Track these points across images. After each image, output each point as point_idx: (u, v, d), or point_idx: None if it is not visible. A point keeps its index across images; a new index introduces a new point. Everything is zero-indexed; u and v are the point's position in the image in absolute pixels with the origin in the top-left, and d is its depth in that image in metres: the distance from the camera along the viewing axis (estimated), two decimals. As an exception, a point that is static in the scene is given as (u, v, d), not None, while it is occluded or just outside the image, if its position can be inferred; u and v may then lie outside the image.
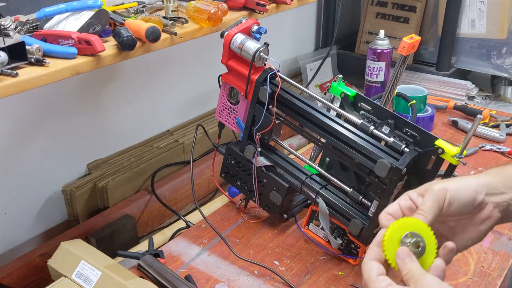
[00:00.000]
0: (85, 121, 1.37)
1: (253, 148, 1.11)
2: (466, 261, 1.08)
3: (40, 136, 1.28)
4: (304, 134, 1.09)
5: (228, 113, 1.16)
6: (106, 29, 1.06)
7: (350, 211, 1.02)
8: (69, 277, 1.00)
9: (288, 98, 1.04)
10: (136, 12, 1.17)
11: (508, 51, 1.77)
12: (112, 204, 1.38)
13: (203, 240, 1.14)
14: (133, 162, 1.45)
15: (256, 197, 1.14)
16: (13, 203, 1.25)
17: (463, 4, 1.79)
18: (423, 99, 1.58)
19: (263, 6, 1.29)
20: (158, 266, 1.02)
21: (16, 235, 1.28)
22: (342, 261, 1.07)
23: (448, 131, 1.60)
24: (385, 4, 1.99)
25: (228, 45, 1.07)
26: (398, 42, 1.21)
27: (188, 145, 1.57)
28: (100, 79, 1.37)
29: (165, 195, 1.45)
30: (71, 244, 1.06)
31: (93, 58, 0.99)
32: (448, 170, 0.91)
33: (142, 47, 1.07)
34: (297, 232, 1.16)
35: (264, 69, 1.06)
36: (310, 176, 1.08)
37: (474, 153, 1.48)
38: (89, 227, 1.29)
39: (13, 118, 1.20)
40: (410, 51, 1.20)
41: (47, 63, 0.93)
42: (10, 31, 0.99)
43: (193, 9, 1.18)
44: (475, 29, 1.81)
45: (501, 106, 1.84)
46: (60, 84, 0.98)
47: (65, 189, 1.33)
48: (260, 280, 1.03)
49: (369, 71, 1.69)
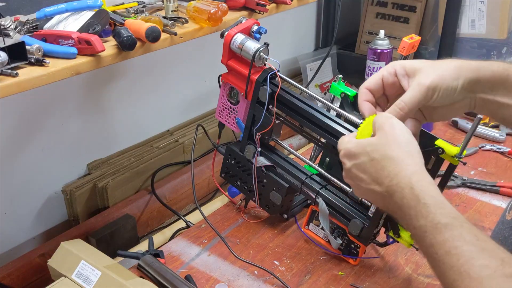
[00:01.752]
0: (85, 121, 1.37)
1: (253, 148, 1.11)
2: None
3: (40, 136, 1.28)
4: (304, 134, 1.09)
5: (228, 113, 1.16)
6: (106, 29, 1.06)
7: (350, 211, 1.02)
8: (69, 277, 1.00)
9: (288, 98, 1.04)
10: (136, 12, 1.18)
11: (508, 51, 1.77)
12: (112, 204, 1.38)
13: (203, 240, 1.14)
14: (133, 162, 1.45)
15: (256, 197, 1.14)
16: (13, 203, 1.25)
17: (463, 4, 1.79)
18: (423, 99, 1.57)
19: (263, 6, 1.29)
20: (158, 266, 1.02)
21: (16, 235, 1.28)
22: (342, 261, 1.07)
23: (448, 131, 1.60)
24: (385, 4, 1.99)
25: (228, 45, 1.07)
26: (398, 42, 1.22)
27: (188, 145, 1.57)
28: (100, 79, 1.37)
29: (165, 195, 1.45)
30: (71, 244, 1.06)
31: (93, 58, 0.99)
32: (448, 170, 0.91)
33: (142, 47, 1.07)
34: (297, 232, 1.16)
35: (264, 69, 1.06)
36: (310, 176, 1.08)
37: (474, 153, 1.48)
38: (89, 227, 1.29)
39: (13, 118, 1.20)
40: (410, 51, 1.20)
41: (47, 63, 0.93)
42: (10, 31, 0.99)
43: (193, 9, 1.18)
44: (475, 29, 1.81)
45: (501, 106, 1.84)
46: (60, 84, 0.98)
47: (65, 189, 1.33)
48: (260, 280, 1.03)
49: (369, 71, 1.69)
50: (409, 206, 0.64)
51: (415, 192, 0.64)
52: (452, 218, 0.60)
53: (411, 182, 0.65)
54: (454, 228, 0.58)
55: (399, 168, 0.67)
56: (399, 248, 1.09)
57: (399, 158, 0.67)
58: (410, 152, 0.68)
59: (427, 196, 0.63)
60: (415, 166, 0.67)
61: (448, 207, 0.62)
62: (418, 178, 0.65)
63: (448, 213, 0.61)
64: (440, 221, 0.60)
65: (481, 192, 1.30)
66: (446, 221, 0.59)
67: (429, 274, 1.04)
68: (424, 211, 0.62)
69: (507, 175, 1.37)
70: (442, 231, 0.59)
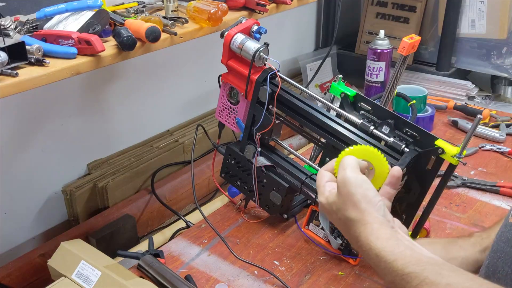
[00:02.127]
0: (85, 121, 1.37)
1: (253, 148, 1.11)
2: (466, 261, 1.08)
3: (40, 136, 1.28)
4: (304, 134, 1.09)
5: (228, 113, 1.16)
6: (106, 29, 1.06)
7: (350, 211, 1.02)
8: (69, 277, 1.00)
9: (288, 98, 1.04)
10: (136, 12, 1.18)
11: (508, 51, 1.77)
12: (112, 204, 1.38)
13: (203, 240, 1.14)
14: (133, 162, 1.45)
15: (256, 197, 1.14)
16: (13, 203, 1.25)
17: (463, 4, 1.79)
18: (423, 99, 1.58)
19: (263, 6, 1.29)
20: (158, 266, 1.02)
21: (16, 235, 1.28)
22: (342, 261, 1.07)
23: (448, 131, 1.60)
24: (385, 4, 1.99)
25: (228, 45, 1.07)
26: (398, 42, 1.21)
27: (188, 145, 1.57)
28: (100, 79, 1.37)
29: (165, 195, 1.45)
30: (71, 244, 1.06)
31: (93, 58, 0.99)
32: (448, 170, 0.91)
33: (142, 47, 1.07)
34: (297, 232, 1.16)
35: (264, 69, 1.06)
36: (310, 176, 1.08)
37: (474, 153, 1.48)
38: (89, 227, 1.29)
39: (13, 118, 1.20)
40: (410, 51, 1.20)
41: (47, 63, 0.93)
42: (10, 31, 0.99)
43: (193, 9, 1.18)
44: (475, 29, 1.81)
45: (501, 106, 1.84)
46: (60, 84, 0.98)
47: (65, 189, 1.33)
48: (260, 280, 1.03)
49: (369, 71, 1.69)
50: (375, 265, 0.68)
51: (375, 252, 0.67)
52: (414, 265, 0.64)
53: (370, 244, 0.68)
54: (418, 275, 0.62)
55: (359, 230, 0.70)
56: (399, 248, 1.09)
57: (356, 219, 0.71)
58: (365, 209, 0.71)
59: (387, 253, 0.66)
60: (372, 224, 0.70)
61: (408, 256, 0.65)
62: (376, 236, 0.68)
63: (409, 262, 0.64)
64: (404, 271, 0.64)
65: (481, 192, 1.30)
66: (409, 271, 0.63)
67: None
68: (388, 267, 0.66)
69: (507, 175, 1.37)
70: (409, 280, 0.63)
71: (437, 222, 1.18)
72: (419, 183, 0.93)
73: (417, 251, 0.66)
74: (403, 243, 0.67)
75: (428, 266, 0.63)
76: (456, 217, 1.20)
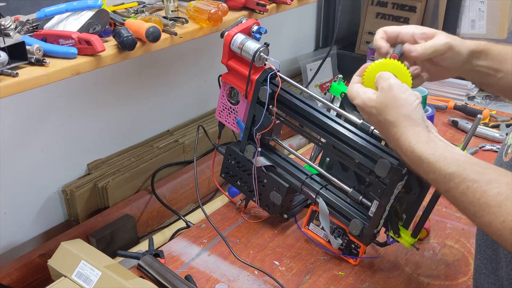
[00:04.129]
0: (85, 121, 1.37)
1: (253, 148, 1.11)
2: (466, 261, 1.08)
3: (40, 136, 1.28)
4: (304, 134, 1.09)
5: (228, 113, 1.16)
6: (106, 29, 1.06)
7: (350, 211, 1.02)
8: (69, 277, 1.00)
9: (288, 98, 1.04)
10: (136, 12, 1.18)
11: (508, 51, 1.77)
12: (112, 204, 1.38)
13: (203, 240, 1.14)
14: (133, 162, 1.45)
15: (256, 197, 1.14)
16: (13, 203, 1.25)
17: (463, 4, 1.80)
18: (423, 99, 1.57)
19: (263, 6, 1.29)
20: (158, 266, 1.02)
21: (16, 235, 1.28)
22: (342, 261, 1.07)
23: (448, 131, 1.60)
24: (385, 4, 1.99)
25: (228, 45, 1.07)
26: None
27: (188, 145, 1.57)
28: (100, 79, 1.37)
29: (165, 195, 1.45)
30: (71, 244, 1.06)
31: (93, 58, 0.99)
32: (448, 170, 0.91)
33: (142, 47, 1.07)
34: (297, 232, 1.16)
35: (264, 69, 1.06)
36: (310, 176, 1.08)
37: (474, 153, 1.48)
38: (89, 227, 1.29)
39: (13, 118, 1.20)
40: (410, 51, 1.19)
41: (47, 63, 0.93)
42: (10, 31, 0.99)
43: (193, 9, 1.19)
44: (475, 29, 1.81)
45: (501, 106, 1.84)
46: (60, 84, 0.98)
47: (65, 189, 1.33)
48: (260, 280, 1.03)
49: (369, 71, 1.69)
50: (417, 165, 0.74)
51: (417, 154, 0.73)
52: (455, 165, 0.69)
53: (411, 145, 0.74)
54: (460, 174, 0.68)
55: (400, 133, 0.76)
56: (399, 248, 1.09)
57: (398, 122, 0.76)
58: (407, 114, 0.76)
59: (428, 155, 0.72)
60: (413, 129, 0.75)
61: (449, 158, 0.70)
62: (416, 140, 0.74)
63: (450, 163, 0.70)
64: (446, 171, 0.69)
65: (481, 192, 1.30)
66: (451, 171, 0.69)
67: (429, 274, 1.04)
68: (430, 167, 0.71)
69: (507, 175, 1.36)
70: (451, 179, 0.68)
71: (437, 222, 1.18)
72: (419, 183, 0.93)
73: (454, 151, 0.72)
74: (440, 145, 0.73)
75: (467, 165, 0.69)
76: (456, 217, 1.20)
